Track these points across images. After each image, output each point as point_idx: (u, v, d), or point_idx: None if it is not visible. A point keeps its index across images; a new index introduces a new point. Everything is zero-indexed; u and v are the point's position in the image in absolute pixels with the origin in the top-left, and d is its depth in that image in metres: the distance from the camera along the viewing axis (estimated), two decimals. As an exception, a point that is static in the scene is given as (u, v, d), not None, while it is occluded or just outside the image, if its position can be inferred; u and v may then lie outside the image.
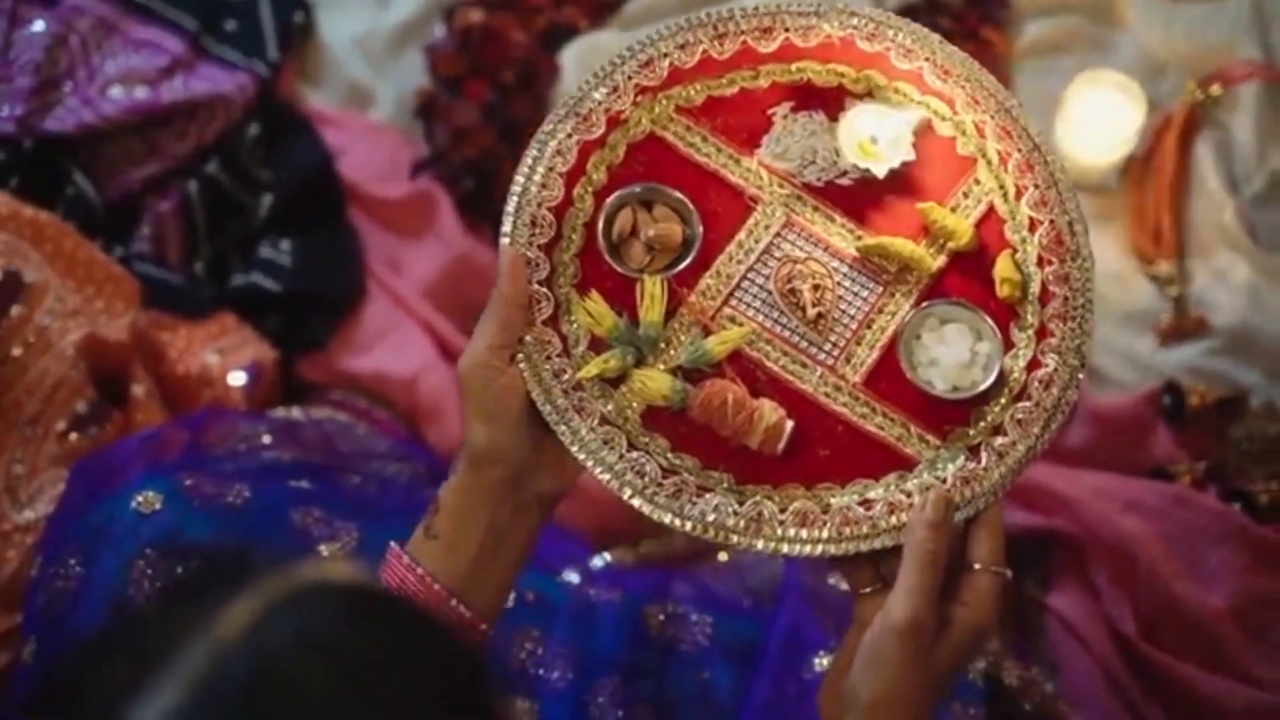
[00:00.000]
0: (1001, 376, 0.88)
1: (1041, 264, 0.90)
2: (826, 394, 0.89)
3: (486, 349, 0.87)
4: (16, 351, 1.22)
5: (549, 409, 0.87)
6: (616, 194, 0.91)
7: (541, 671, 1.11)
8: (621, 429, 0.88)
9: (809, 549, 0.85)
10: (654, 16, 1.65)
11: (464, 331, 1.47)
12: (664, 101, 0.94)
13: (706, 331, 0.90)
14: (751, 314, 0.91)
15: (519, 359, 0.88)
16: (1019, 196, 0.91)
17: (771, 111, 0.94)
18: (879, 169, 0.91)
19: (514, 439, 0.87)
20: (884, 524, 0.85)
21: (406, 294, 1.49)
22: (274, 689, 0.55)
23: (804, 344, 0.90)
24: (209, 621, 0.56)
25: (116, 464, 1.14)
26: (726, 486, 0.87)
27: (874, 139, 0.92)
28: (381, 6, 1.67)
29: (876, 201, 0.92)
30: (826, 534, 0.85)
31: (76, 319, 1.27)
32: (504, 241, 0.90)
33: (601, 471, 0.87)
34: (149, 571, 1.02)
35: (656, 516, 0.86)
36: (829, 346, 0.90)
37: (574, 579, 1.21)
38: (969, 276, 0.91)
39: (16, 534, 1.18)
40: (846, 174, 0.93)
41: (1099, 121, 1.48)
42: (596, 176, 0.92)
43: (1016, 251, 0.91)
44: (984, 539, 0.84)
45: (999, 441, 0.87)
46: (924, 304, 0.90)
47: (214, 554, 1.03)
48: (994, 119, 0.92)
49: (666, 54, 0.94)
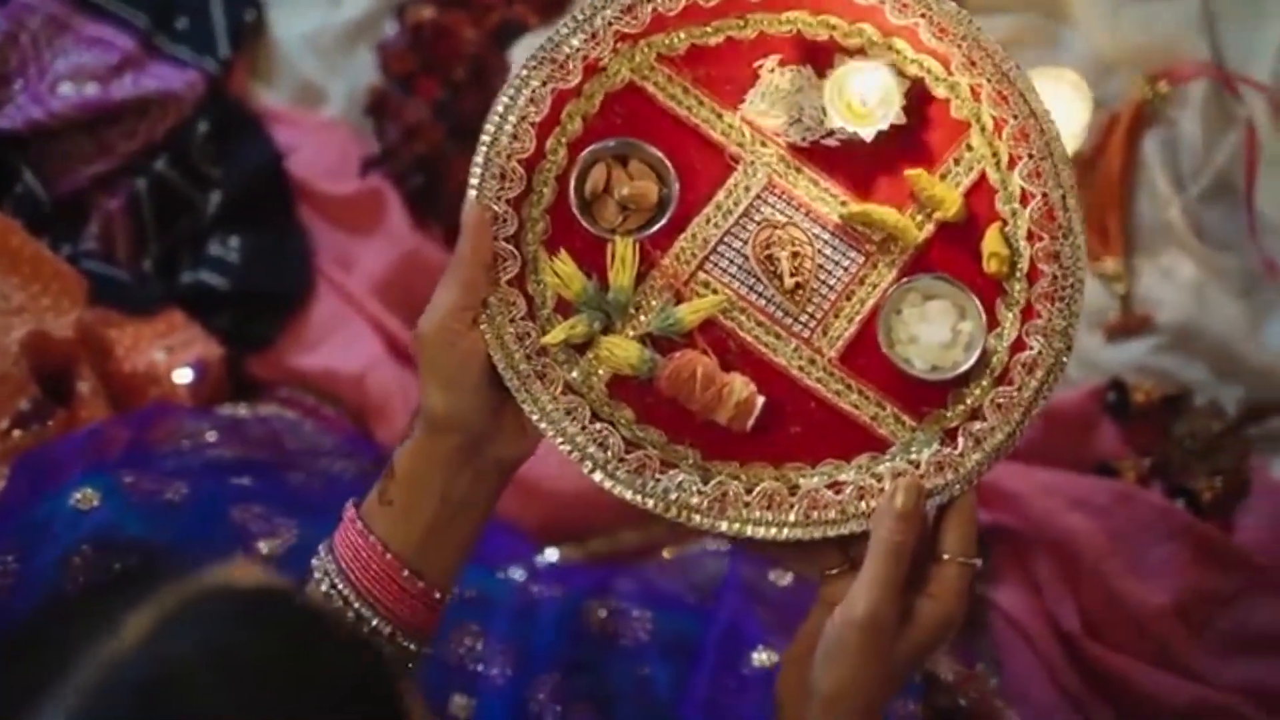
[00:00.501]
0: (984, 357, 0.85)
1: (1031, 239, 0.86)
2: (801, 368, 0.86)
3: (447, 311, 0.83)
4: (-40, 348, 1.21)
5: (510, 375, 0.84)
6: (590, 149, 0.87)
7: (481, 668, 1.10)
8: (586, 398, 0.84)
9: (775, 532, 0.82)
10: (604, 11, 1.64)
11: (412, 328, 1.45)
12: (645, 49, 0.89)
13: (679, 298, 0.86)
14: (727, 280, 0.87)
15: (480, 321, 0.84)
16: (1012, 166, 0.87)
17: (758, 64, 0.89)
18: (866, 132, 0.87)
19: (473, 406, 0.83)
20: (853, 509, 0.82)
21: (355, 291, 1.49)
22: (168, 699, 0.56)
23: (780, 314, 0.86)
24: (109, 629, 0.57)
25: (58, 461, 1.13)
26: (692, 463, 0.84)
27: (863, 100, 0.87)
28: (333, 4, 1.65)
29: (863, 166, 0.88)
30: (793, 517, 0.83)
31: (22, 316, 1.26)
32: (470, 195, 0.85)
33: (562, 443, 0.83)
34: (85, 568, 1.01)
35: (618, 492, 0.83)
36: (805, 318, 0.86)
37: (518, 576, 1.20)
38: (956, 249, 0.87)
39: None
40: (833, 134, 0.88)
41: (1047, 118, 1.47)
42: (571, 127, 0.88)
43: (1006, 225, 0.87)
44: (955, 528, 0.81)
45: (977, 426, 0.84)
46: (906, 278, 0.86)
47: (151, 551, 1.03)
48: (990, 82, 0.88)
49: None
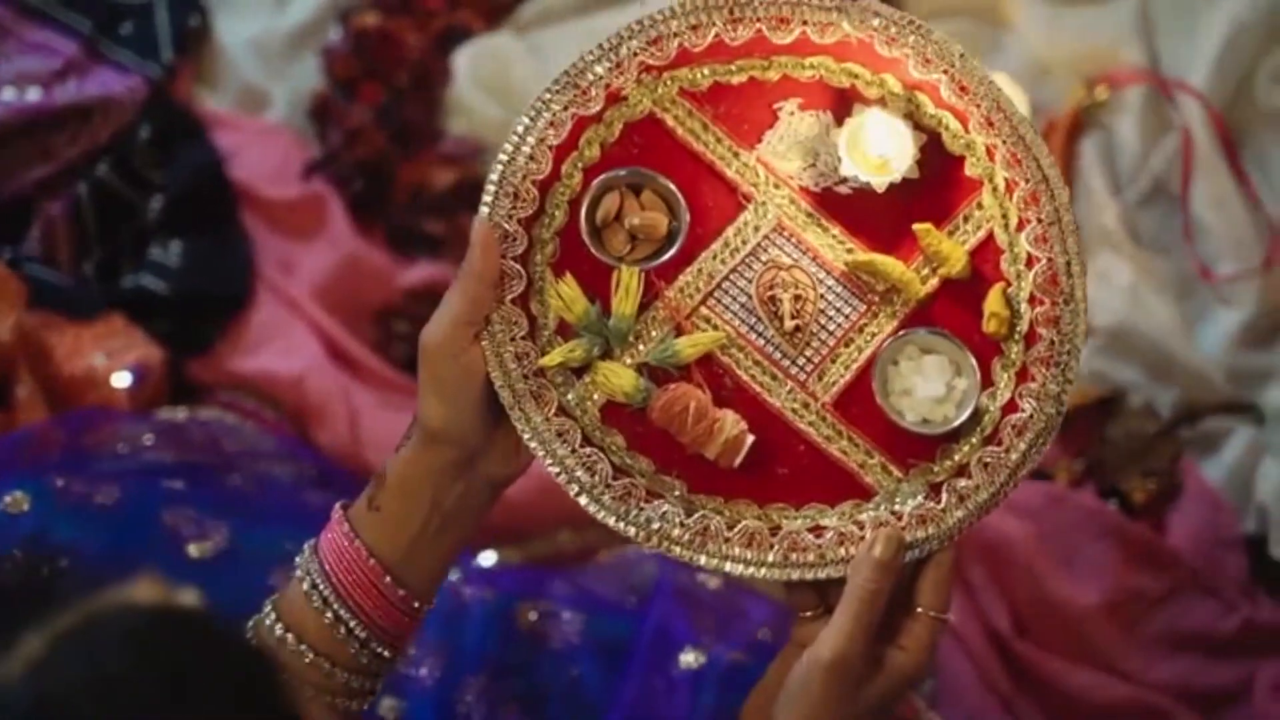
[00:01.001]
0: (975, 415, 0.85)
1: (1033, 303, 0.86)
2: (793, 410, 0.87)
3: (450, 324, 0.84)
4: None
5: (506, 393, 0.85)
6: (603, 176, 0.88)
7: (409, 670, 1.10)
8: (578, 421, 0.85)
9: (752, 571, 0.83)
10: (549, 20, 1.66)
11: (353, 332, 1.51)
12: (668, 82, 0.90)
13: (679, 330, 0.87)
14: (728, 317, 0.88)
15: (481, 337, 0.85)
16: (1020, 228, 0.87)
17: (778, 106, 0.90)
18: (879, 182, 0.88)
19: (470, 420, 0.84)
20: (832, 555, 0.83)
21: (297, 295, 1.50)
22: None
23: (777, 355, 0.87)
24: (3, 646, 0.55)
25: None
26: (677, 494, 0.85)
27: (878, 151, 0.88)
28: (278, 9, 1.66)
29: (873, 215, 0.89)
30: (772, 558, 0.83)
31: (-41, 320, 1.25)
32: (482, 212, 0.86)
33: (551, 464, 0.84)
34: (15, 571, 1.02)
35: (601, 518, 0.84)
36: (803, 361, 0.87)
37: (450, 577, 1.18)
38: (957, 306, 0.88)
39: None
40: (846, 182, 0.89)
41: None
42: (589, 153, 0.88)
43: (1010, 286, 0.87)
44: (931, 583, 0.82)
45: (962, 484, 0.85)
46: (905, 331, 0.87)
47: (81, 554, 1.03)
48: (1006, 144, 0.88)
49: (677, 34, 0.89)
